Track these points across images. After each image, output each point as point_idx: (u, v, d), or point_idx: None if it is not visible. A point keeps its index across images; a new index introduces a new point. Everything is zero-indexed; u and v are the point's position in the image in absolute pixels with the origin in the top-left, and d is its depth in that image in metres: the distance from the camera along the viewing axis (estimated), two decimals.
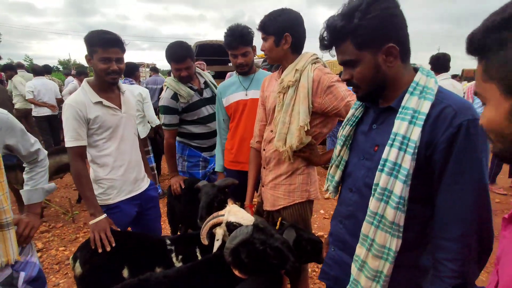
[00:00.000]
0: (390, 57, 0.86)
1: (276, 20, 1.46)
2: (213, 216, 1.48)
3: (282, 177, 1.56)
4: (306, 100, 1.41)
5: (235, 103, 2.08)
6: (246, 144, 2.06)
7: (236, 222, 1.43)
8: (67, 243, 3.11)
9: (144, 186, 1.90)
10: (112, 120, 1.69)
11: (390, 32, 0.84)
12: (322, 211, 3.85)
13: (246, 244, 1.22)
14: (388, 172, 0.86)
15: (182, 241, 1.68)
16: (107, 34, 1.60)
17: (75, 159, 1.62)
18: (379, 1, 0.83)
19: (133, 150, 1.83)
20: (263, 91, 1.71)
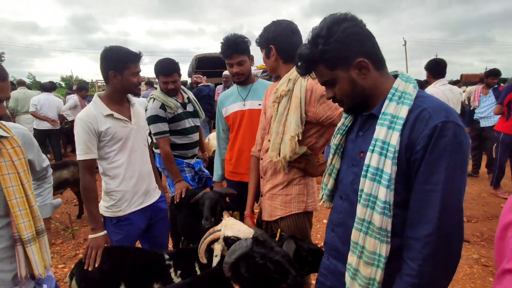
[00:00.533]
0: (362, 70, 0.91)
1: (264, 33, 1.55)
2: (209, 233, 1.46)
3: (278, 187, 1.54)
4: (298, 110, 1.41)
5: (233, 114, 2.11)
6: (244, 155, 2.08)
7: (233, 236, 1.41)
8: (67, 260, 3.07)
9: (155, 198, 1.93)
10: (123, 132, 1.73)
11: (355, 48, 0.90)
12: (325, 221, 3.80)
13: (245, 258, 1.19)
14: (371, 178, 0.88)
15: (180, 256, 1.66)
16: (132, 51, 1.70)
17: (84, 172, 1.66)
18: (338, 24, 0.89)
19: (143, 161, 1.86)
20: (265, 100, 1.72)
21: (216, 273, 1.34)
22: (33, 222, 1.19)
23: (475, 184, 5.02)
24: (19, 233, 1.14)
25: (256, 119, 2.05)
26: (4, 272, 1.16)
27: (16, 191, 1.13)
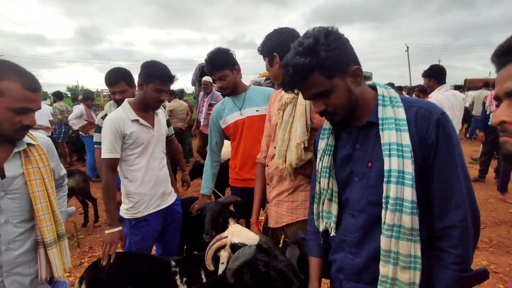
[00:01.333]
0: (357, 77, 0.95)
1: (267, 42, 1.55)
2: (216, 239, 1.46)
3: (284, 193, 1.54)
4: (303, 117, 1.42)
5: (233, 124, 2.13)
6: (248, 161, 2.10)
7: (240, 243, 1.40)
8: (72, 269, 3.07)
9: (171, 201, 2.02)
10: (145, 137, 1.85)
11: (350, 56, 0.94)
12: None
13: (249, 266, 1.18)
14: (396, 181, 0.88)
15: (187, 263, 1.66)
16: (168, 71, 1.83)
17: (107, 170, 1.78)
18: (331, 33, 0.92)
19: (161, 166, 1.96)
20: (269, 107, 1.73)
21: (222, 280, 1.34)
22: (54, 226, 1.24)
23: (482, 190, 4.96)
24: (42, 236, 1.19)
25: (255, 125, 2.09)
26: (24, 276, 1.19)
27: (42, 196, 1.19)
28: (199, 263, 1.60)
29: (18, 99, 1.06)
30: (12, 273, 1.15)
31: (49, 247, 1.20)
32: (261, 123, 2.11)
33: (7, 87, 1.04)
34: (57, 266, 1.23)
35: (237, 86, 2.13)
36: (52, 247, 1.21)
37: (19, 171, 1.16)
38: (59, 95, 7.78)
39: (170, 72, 1.83)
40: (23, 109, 1.08)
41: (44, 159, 1.24)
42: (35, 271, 1.21)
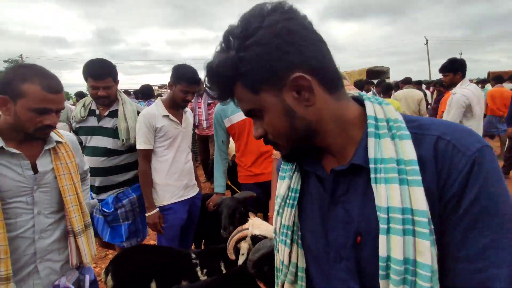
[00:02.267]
0: (303, 92, 0.55)
1: None
2: (237, 231, 1.49)
3: None
4: None
5: (238, 124, 2.15)
6: (260, 158, 2.15)
7: (261, 235, 1.43)
8: (98, 260, 3.21)
9: (193, 193, 2.17)
10: (174, 132, 2.01)
11: (290, 57, 0.53)
12: None
13: (269, 258, 1.21)
14: (400, 280, 0.49)
15: (206, 255, 1.72)
16: (194, 74, 1.97)
17: (143, 159, 1.97)
18: (261, 18, 0.54)
19: (187, 160, 2.12)
20: None
21: (242, 271, 1.38)
22: (82, 217, 1.33)
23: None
24: (72, 226, 1.28)
25: None
26: (55, 262, 1.28)
27: (70, 189, 1.28)
28: (218, 255, 1.65)
29: (38, 100, 1.12)
30: (45, 259, 1.24)
31: (78, 236, 1.29)
32: None
33: (28, 89, 1.11)
34: (85, 253, 1.32)
35: None
36: (81, 235, 1.30)
37: (49, 167, 1.25)
38: (81, 95, 8.15)
39: (196, 75, 1.97)
40: (43, 109, 1.14)
41: (71, 155, 1.33)
42: (65, 257, 1.30)
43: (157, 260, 1.66)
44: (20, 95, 1.11)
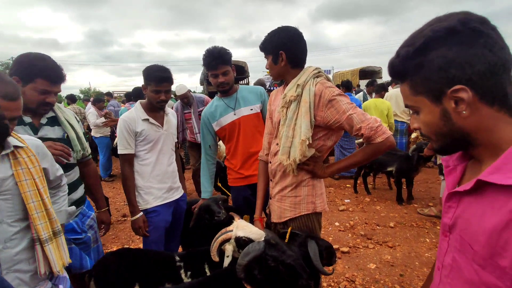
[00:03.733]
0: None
1: (272, 40, 1.53)
2: (221, 233, 1.48)
3: (287, 189, 1.56)
4: (307, 115, 1.42)
5: (228, 125, 2.13)
6: (248, 160, 2.13)
7: (245, 236, 1.43)
8: None
9: (178, 195, 2.15)
10: (154, 135, 1.99)
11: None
12: (337, 223, 3.75)
13: (258, 261, 1.21)
14: None
15: (190, 257, 1.69)
16: (161, 72, 1.91)
17: (124, 164, 1.97)
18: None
19: (169, 162, 2.10)
20: (270, 105, 1.75)
21: (228, 273, 1.36)
22: (49, 224, 1.26)
23: None
24: (37, 234, 1.22)
25: (250, 123, 2.12)
26: (24, 273, 1.22)
27: (33, 195, 1.22)
28: (203, 257, 1.63)
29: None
30: (12, 270, 1.19)
31: (45, 244, 1.23)
32: (256, 121, 2.14)
33: None
34: (55, 261, 1.26)
35: (233, 85, 2.15)
36: (48, 243, 1.24)
37: (9, 173, 1.18)
38: (72, 98, 8.06)
39: (164, 73, 1.90)
40: None
41: (34, 160, 1.26)
42: (34, 268, 1.23)
43: (141, 263, 1.63)
44: None
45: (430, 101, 0.66)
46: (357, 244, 3.23)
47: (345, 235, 3.45)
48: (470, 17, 0.62)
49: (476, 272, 0.64)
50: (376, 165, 4.54)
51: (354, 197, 4.67)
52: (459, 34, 0.61)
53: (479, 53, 0.60)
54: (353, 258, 2.97)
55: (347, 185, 5.21)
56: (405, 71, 0.68)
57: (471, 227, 0.65)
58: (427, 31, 0.64)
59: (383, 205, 4.29)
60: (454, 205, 0.70)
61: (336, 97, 1.40)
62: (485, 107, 0.62)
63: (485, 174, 0.62)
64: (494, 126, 0.63)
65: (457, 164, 0.76)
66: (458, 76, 0.61)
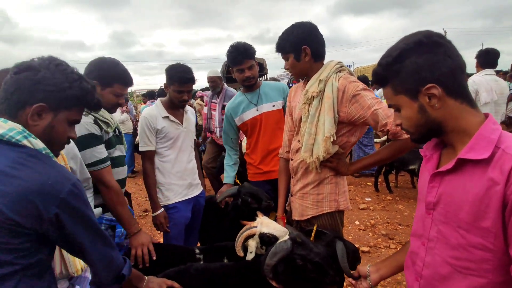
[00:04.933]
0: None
1: (290, 38, 1.49)
2: (246, 228, 1.50)
3: (309, 186, 1.55)
4: (331, 111, 1.40)
5: (250, 121, 2.17)
6: (269, 155, 2.16)
7: (269, 233, 1.44)
8: None
9: (197, 192, 2.18)
10: (174, 132, 2.02)
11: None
12: (357, 222, 3.70)
13: (286, 260, 1.22)
14: None
15: (210, 251, 1.73)
16: (185, 73, 1.95)
17: (146, 161, 2.02)
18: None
19: (189, 159, 2.13)
20: (289, 101, 1.73)
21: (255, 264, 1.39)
22: None
23: None
24: None
25: (272, 120, 2.14)
26: None
27: None
28: (222, 252, 1.66)
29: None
30: None
31: None
32: (278, 117, 2.15)
33: None
34: (70, 262, 1.25)
35: (257, 80, 2.18)
36: None
37: None
38: None
39: (187, 74, 1.95)
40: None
41: (61, 158, 1.23)
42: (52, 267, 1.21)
43: (162, 256, 1.67)
44: None
45: (409, 98, 0.83)
46: (378, 243, 3.18)
47: (366, 234, 3.40)
48: (431, 33, 0.81)
49: (462, 236, 0.79)
50: (397, 163, 4.43)
51: (375, 196, 4.59)
52: (425, 45, 0.79)
53: (441, 59, 0.78)
54: (373, 258, 2.93)
55: (368, 183, 5.12)
56: (386, 76, 0.86)
57: (455, 199, 0.80)
58: (401, 44, 0.83)
59: (406, 204, 4.19)
60: (437, 184, 0.85)
61: (360, 92, 1.38)
62: (451, 100, 0.80)
63: (462, 153, 0.78)
64: (460, 114, 0.80)
65: (433, 153, 0.92)
66: (428, 77, 0.78)
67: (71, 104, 0.93)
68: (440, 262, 0.85)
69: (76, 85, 0.92)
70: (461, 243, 0.79)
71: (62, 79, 0.90)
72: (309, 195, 1.55)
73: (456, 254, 0.81)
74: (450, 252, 0.82)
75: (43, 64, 0.89)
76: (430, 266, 0.88)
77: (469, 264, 0.79)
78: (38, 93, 0.87)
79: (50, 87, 0.88)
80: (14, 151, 0.83)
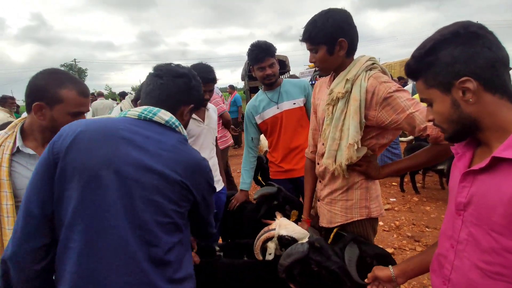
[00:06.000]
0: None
1: (325, 27, 1.28)
2: (264, 231, 1.49)
3: (337, 192, 1.42)
4: (357, 115, 1.25)
5: (271, 119, 2.15)
6: (291, 153, 2.13)
7: (287, 235, 1.42)
8: None
9: (218, 189, 2.15)
10: (196, 130, 2.03)
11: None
12: (381, 223, 3.58)
13: (300, 263, 1.20)
14: None
15: (230, 248, 1.74)
16: (207, 73, 1.97)
17: None
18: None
19: (210, 156, 2.14)
20: (314, 98, 1.60)
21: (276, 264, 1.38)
22: None
23: None
24: None
25: (293, 118, 2.11)
26: None
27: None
28: (242, 249, 1.68)
29: (75, 105, 1.18)
30: None
31: None
32: (299, 115, 2.12)
33: (66, 95, 1.15)
34: None
35: (278, 78, 2.15)
36: None
37: None
38: (123, 95, 8.92)
39: (209, 74, 1.98)
40: (78, 113, 1.19)
41: None
42: None
43: None
44: (58, 101, 1.15)
45: (441, 92, 0.78)
46: (403, 245, 3.06)
47: (390, 235, 3.29)
48: (470, 24, 0.76)
49: (495, 240, 0.72)
50: None
51: (401, 196, 4.42)
52: (461, 36, 0.74)
53: (479, 51, 0.73)
54: (398, 260, 2.79)
55: (393, 183, 4.93)
56: (419, 69, 0.82)
57: (488, 200, 0.73)
58: (436, 35, 0.78)
59: (434, 206, 4.00)
60: (468, 184, 0.79)
61: (393, 94, 1.21)
62: (488, 95, 0.74)
63: (498, 151, 0.72)
64: (497, 110, 0.74)
65: (466, 150, 0.86)
66: (463, 70, 0.73)
67: (198, 105, 1.19)
68: (469, 266, 0.80)
69: (202, 94, 1.21)
70: (493, 247, 0.74)
71: (200, 88, 1.15)
72: (337, 201, 1.43)
73: (487, 258, 0.75)
74: (481, 256, 0.76)
75: (191, 74, 1.10)
76: (459, 270, 0.82)
77: (501, 269, 0.73)
78: (191, 97, 1.10)
79: (198, 94, 1.13)
80: (175, 134, 1.01)
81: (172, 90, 1.04)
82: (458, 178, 0.82)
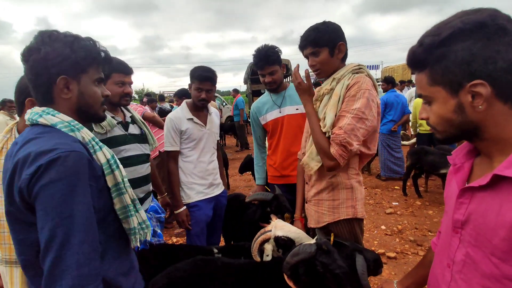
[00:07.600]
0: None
1: (326, 31, 1.41)
2: (260, 233, 1.49)
3: (324, 192, 1.48)
4: (335, 108, 1.37)
5: (272, 121, 2.18)
6: (288, 159, 2.14)
7: (284, 236, 1.43)
8: None
9: (218, 191, 2.23)
10: (198, 134, 2.09)
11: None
12: (383, 227, 3.55)
13: (307, 263, 1.20)
14: None
15: (229, 251, 1.74)
16: (204, 71, 2.02)
17: (170, 160, 2.10)
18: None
19: (211, 160, 2.19)
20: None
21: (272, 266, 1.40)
22: None
23: None
24: None
25: (294, 123, 2.12)
26: None
27: None
28: (240, 251, 1.67)
29: None
30: None
31: None
32: (301, 121, 2.09)
33: None
34: None
35: (282, 82, 2.18)
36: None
37: None
38: None
39: (207, 73, 2.01)
40: None
41: None
42: None
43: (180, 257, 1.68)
44: None
45: (447, 92, 0.67)
46: (406, 250, 3.02)
47: (392, 239, 3.26)
48: (498, 14, 0.62)
49: (495, 266, 0.65)
50: (427, 166, 4.19)
51: (403, 200, 4.38)
52: (487, 29, 0.61)
53: (502, 50, 0.60)
54: (400, 264, 2.79)
55: (396, 186, 4.89)
56: (426, 60, 0.68)
57: (488, 221, 0.65)
58: (456, 22, 0.64)
59: (437, 210, 3.95)
60: (467, 201, 0.71)
61: (360, 96, 1.32)
62: (499, 103, 0.63)
63: (500, 168, 0.63)
64: (506, 121, 0.64)
65: (464, 161, 0.77)
66: (479, 71, 0.62)
67: (84, 66, 0.91)
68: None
69: (76, 47, 0.89)
70: (493, 273, 0.66)
71: (61, 47, 0.87)
72: (324, 201, 1.49)
73: (486, 284, 0.68)
74: (480, 280, 0.69)
75: (39, 42, 0.86)
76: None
77: None
78: (52, 69, 0.86)
79: (57, 59, 0.86)
80: None
81: (31, 78, 0.88)
82: (456, 193, 0.74)
